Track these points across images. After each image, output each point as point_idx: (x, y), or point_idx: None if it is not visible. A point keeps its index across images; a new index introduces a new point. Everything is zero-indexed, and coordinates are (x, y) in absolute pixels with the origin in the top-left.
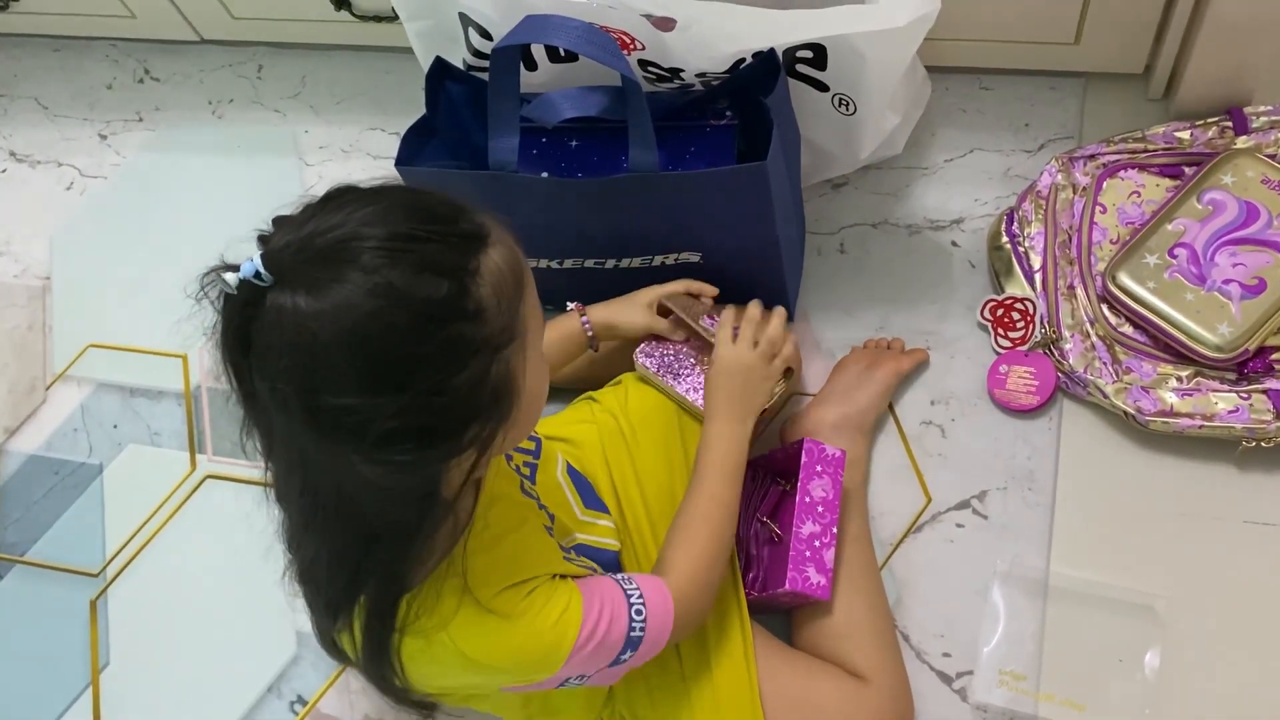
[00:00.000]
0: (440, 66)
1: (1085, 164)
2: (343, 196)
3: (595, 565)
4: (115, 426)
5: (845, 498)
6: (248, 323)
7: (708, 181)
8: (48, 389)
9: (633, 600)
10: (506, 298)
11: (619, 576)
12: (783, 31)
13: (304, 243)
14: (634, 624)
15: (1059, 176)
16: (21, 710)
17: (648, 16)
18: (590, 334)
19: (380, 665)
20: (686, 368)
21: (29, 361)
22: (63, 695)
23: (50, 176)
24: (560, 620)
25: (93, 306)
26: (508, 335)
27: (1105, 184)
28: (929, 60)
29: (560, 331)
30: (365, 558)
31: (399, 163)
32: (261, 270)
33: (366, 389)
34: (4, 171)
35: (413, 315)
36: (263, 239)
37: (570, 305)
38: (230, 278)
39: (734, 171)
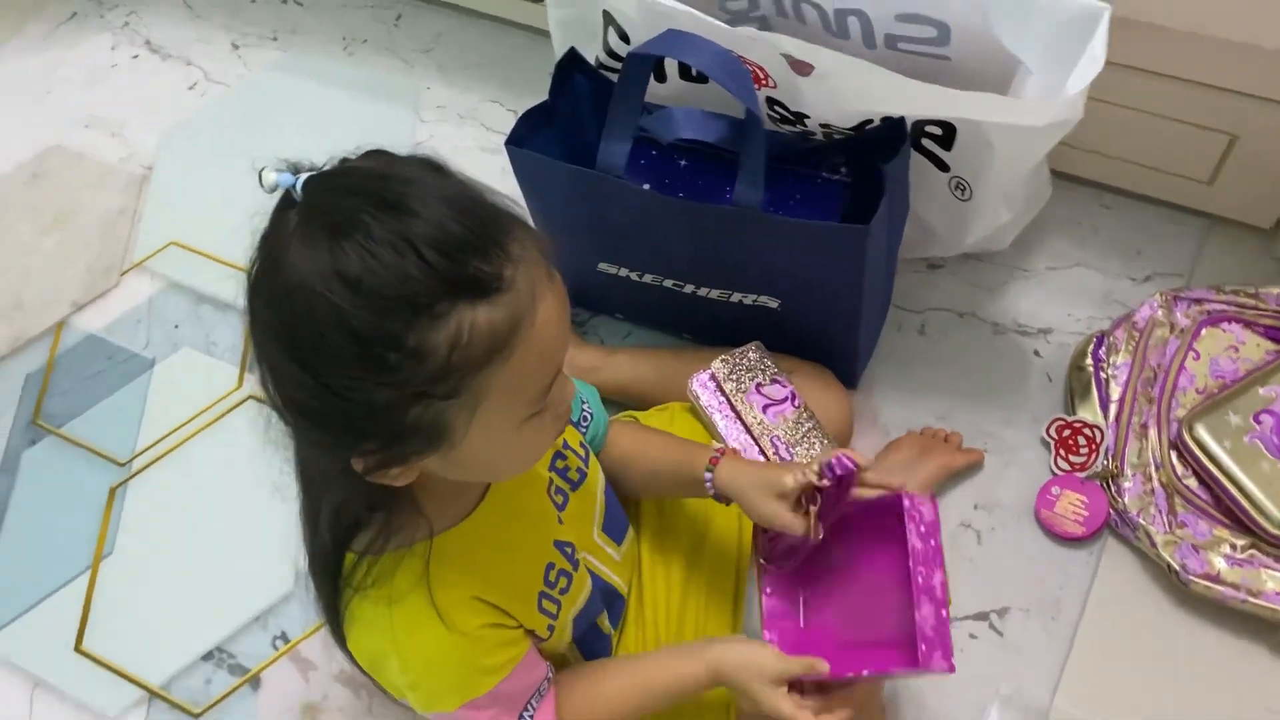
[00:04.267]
0: (572, 57)
1: (1189, 306)
2: (418, 171)
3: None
4: (176, 327)
5: None
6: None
7: (806, 233)
8: (122, 275)
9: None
10: (464, 357)
11: (542, 683)
12: (918, 104)
13: (342, 192)
14: None
15: (1159, 312)
16: (21, 576)
17: (787, 57)
18: (711, 490)
19: (331, 622)
20: (741, 410)
21: (112, 245)
22: (63, 571)
23: (177, 73)
24: (492, 669)
25: (184, 207)
26: (448, 389)
27: (1204, 331)
28: (1056, 163)
29: (683, 472)
30: (318, 506)
31: (509, 142)
32: (298, 191)
33: (279, 348)
34: (136, 58)
35: (345, 320)
36: (343, 160)
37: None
38: (270, 176)
39: (834, 229)
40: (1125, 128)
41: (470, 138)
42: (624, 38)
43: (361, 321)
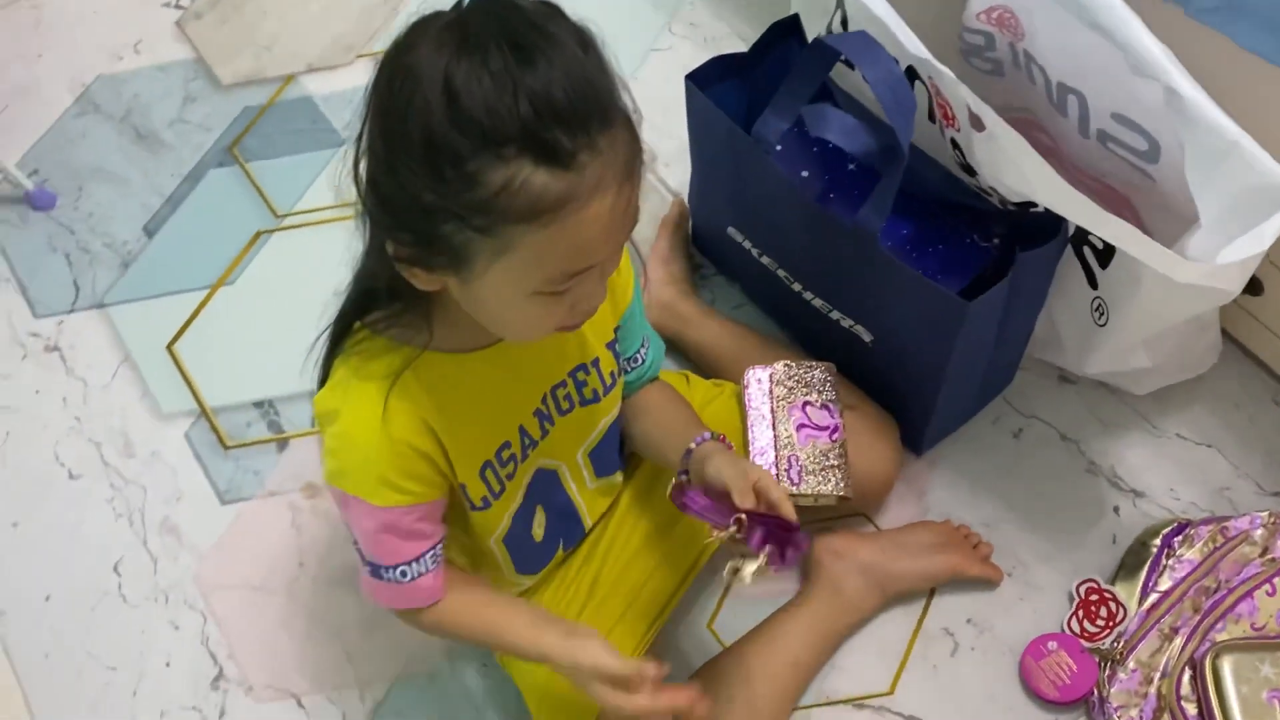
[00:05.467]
0: (790, 23)
1: None
2: (568, 37)
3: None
4: None
5: (821, 635)
6: None
7: (908, 281)
8: (357, 58)
9: (388, 570)
10: (506, 203)
11: (426, 556)
12: (1060, 205)
13: (494, 19)
14: (367, 565)
15: (1259, 532)
16: (159, 268)
17: (967, 107)
18: (688, 455)
19: (321, 376)
20: (778, 418)
21: (362, 28)
22: (191, 279)
23: None
24: (391, 484)
25: None
26: (482, 224)
27: None
28: (1241, 336)
29: (679, 432)
30: (358, 280)
31: (690, 77)
32: (465, 4)
33: (374, 114)
34: None
35: (428, 120)
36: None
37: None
38: None
39: (933, 290)
40: None
41: (696, 64)
42: (844, 25)
43: (440, 127)
